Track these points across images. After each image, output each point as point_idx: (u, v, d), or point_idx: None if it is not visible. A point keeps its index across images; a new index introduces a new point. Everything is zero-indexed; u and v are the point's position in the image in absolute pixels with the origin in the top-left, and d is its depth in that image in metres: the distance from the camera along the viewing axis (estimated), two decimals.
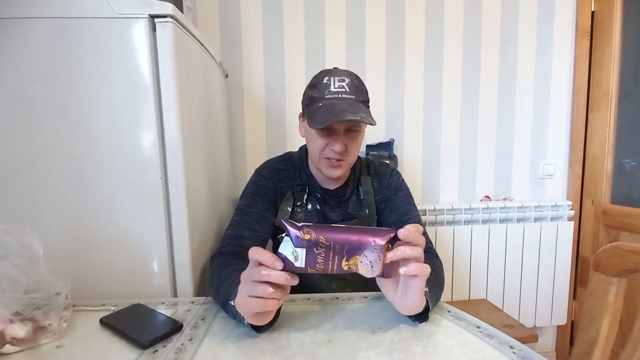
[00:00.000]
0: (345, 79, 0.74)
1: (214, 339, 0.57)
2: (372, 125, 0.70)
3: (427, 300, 0.57)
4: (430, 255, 0.74)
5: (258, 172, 0.87)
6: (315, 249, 0.48)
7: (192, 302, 0.72)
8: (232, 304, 0.55)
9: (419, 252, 0.50)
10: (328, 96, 0.72)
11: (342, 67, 1.43)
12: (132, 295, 0.74)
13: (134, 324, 0.60)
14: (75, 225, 0.72)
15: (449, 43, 1.51)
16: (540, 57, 1.56)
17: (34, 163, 0.71)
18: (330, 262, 0.48)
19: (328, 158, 0.76)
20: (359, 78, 0.77)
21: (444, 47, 1.51)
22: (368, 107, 0.77)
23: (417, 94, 1.52)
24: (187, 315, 0.65)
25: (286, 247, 0.49)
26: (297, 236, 0.48)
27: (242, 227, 0.78)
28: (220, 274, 0.66)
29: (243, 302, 0.51)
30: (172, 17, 0.71)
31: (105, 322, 0.61)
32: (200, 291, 0.81)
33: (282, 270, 0.48)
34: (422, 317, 0.59)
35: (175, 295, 0.77)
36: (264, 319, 0.52)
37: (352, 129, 0.75)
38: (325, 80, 0.74)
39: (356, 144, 0.78)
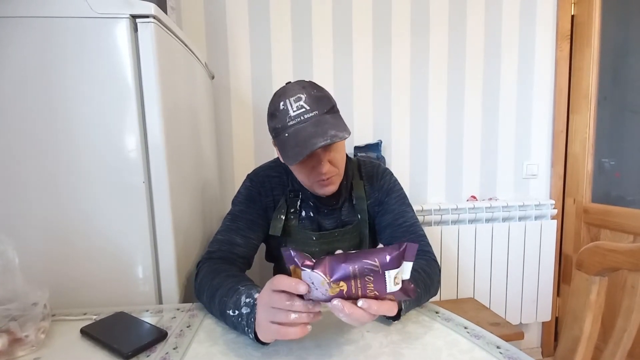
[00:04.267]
0: (302, 95, 0.67)
1: (199, 347, 0.55)
2: (345, 138, 0.65)
3: (400, 303, 0.57)
4: (427, 258, 0.74)
5: (251, 178, 0.85)
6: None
7: (178, 309, 0.70)
8: (231, 313, 0.55)
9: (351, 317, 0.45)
10: (291, 123, 0.66)
11: (329, 67, 1.47)
12: (115, 303, 0.72)
13: (116, 333, 0.58)
14: (54, 232, 0.70)
15: (435, 46, 1.53)
16: (522, 60, 1.60)
17: (9, 166, 0.68)
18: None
19: (318, 180, 0.73)
20: (316, 85, 0.71)
21: (429, 50, 1.53)
22: (335, 111, 0.71)
23: (404, 95, 1.53)
24: (172, 323, 0.64)
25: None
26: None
27: (235, 234, 0.77)
28: (213, 279, 0.64)
29: (265, 328, 0.49)
30: (154, 17, 0.69)
31: (86, 332, 0.59)
32: (186, 298, 0.80)
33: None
34: (395, 316, 0.59)
35: (160, 302, 0.76)
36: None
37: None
38: (282, 106, 0.68)
39: (340, 154, 0.74)
